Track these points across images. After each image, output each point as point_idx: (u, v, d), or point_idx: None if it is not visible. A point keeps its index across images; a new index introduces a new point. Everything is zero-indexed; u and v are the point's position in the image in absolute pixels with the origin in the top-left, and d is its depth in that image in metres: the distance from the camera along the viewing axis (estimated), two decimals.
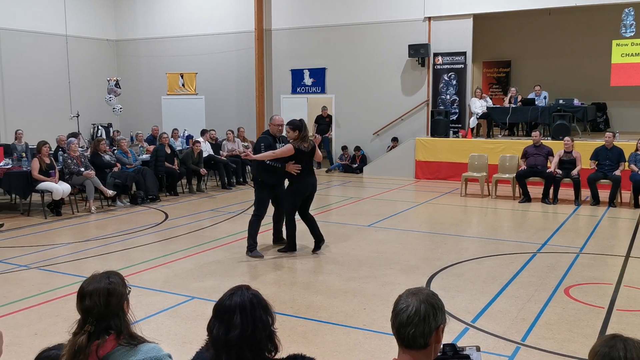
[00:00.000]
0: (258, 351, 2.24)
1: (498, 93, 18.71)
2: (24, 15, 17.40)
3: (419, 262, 7.60)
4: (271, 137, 7.90)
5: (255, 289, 2.37)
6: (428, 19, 16.12)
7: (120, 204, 11.84)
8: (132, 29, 20.20)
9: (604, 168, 11.58)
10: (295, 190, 7.78)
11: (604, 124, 17.27)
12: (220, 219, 10.49)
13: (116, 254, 8.10)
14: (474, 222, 10.61)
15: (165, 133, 13.92)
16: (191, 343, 4.83)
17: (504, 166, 12.78)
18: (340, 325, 5.42)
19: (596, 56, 16.33)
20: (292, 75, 18.16)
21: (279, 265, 7.55)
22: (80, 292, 2.52)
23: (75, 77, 18.57)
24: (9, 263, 7.61)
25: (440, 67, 16.17)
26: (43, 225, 10.13)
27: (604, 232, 9.35)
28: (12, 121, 16.63)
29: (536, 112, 14.46)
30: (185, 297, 6.21)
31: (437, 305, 2.07)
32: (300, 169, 7.64)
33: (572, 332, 5.23)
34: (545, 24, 17.39)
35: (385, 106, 16.78)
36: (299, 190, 7.78)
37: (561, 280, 6.70)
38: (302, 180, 7.73)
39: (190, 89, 19.56)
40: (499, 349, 4.88)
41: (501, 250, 8.16)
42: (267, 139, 7.87)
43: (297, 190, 7.77)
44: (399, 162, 15.63)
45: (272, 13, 18.15)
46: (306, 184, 7.79)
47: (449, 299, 6.04)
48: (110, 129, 18.52)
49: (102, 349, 2.41)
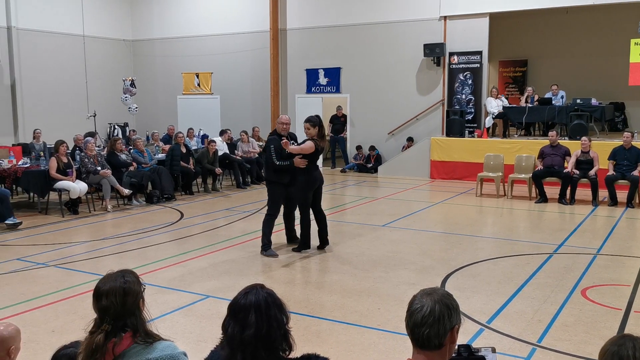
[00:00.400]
0: (273, 350, 2.24)
1: (514, 92, 18.59)
2: (42, 16, 17.59)
3: (434, 262, 7.57)
4: (279, 137, 7.91)
5: (269, 288, 2.37)
6: (444, 18, 16.05)
7: (136, 202, 11.92)
8: (148, 29, 20.33)
9: (622, 168, 11.45)
10: (305, 183, 7.84)
11: (622, 124, 17.09)
12: (235, 218, 10.53)
13: (132, 252, 8.16)
14: (490, 223, 10.54)
15: (181, 132, 14.01)
16: (206, 341, 4.86)
17: (520, 166, 12.68)
18: (354, 325, 5.41)
19: (614, 55, 16.16)
20: (307, 75, 18.17)
21: (293, 264, 7.56)
22: (96, 291, 2.54)
23: (92, 77, 18.73)
24: (28, 261, 7.70)
25: (455, 66, 16.09)
26: (60, 223, 10.23)
27: (621, 233, 9.25)
28: (30, 121, 16.83)
29: (553, 112, 14.34)
30: (200, 296, 6.24)
31: (451, 306, 2.06)
32: (307, 163, 7.71)
33: (589, 333, 5.18)
34: (562, 22, 17.25)
35: (400, 106, 16.74)
36: (309, 183, 7.85)
37: (578, 282, 6.64)
38: (311, 173, 7.84)
39: (206, 88, 19.65)
40: (514, 350, 4.85)
41: (517, 250, 8.10)
42: (275, 140, 7.87)
43: (307, 182, 7.84)
44: (414, 161, 15.58)
45: (287, 13, 18.18)
46: (314, 176, 7.89)
47: (464, 299, 6.01)
48: (126, 129, 18.65)
49: (118, 346, 2.44)
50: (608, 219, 10.37)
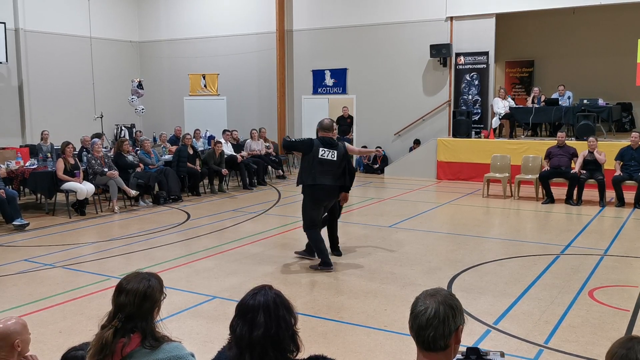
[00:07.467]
0: (281, 351, 2.25)
1: (521, 93, 18.53)
2: (50, 18, 17.66)
3: (440, 263, 7.56)
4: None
5: (277, 289, 2.38)
6: (450, 19, 16.03)
7: (143, 204, 11.96)
8: (155, 30, 20.39)
9: (630, 169, 11.40)
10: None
11: (630, 124, 17.01)
12: (242, 219, 10.54)
13: (139, 253, 8.19)
14: (496, 223, 10.52)
15: (188, 134, 14.05)
16: (213, 342, 4.87)
17: (527, 167, 12.65)
18: (361, 326, 5.41)
19: (621, 55, 16.09)
20: (313, 76, 18.18)
21: (300, 265, 7.56)
22: (118, 286, 2.57)
23: (99, 78, 18.80)
24: (35, 262, 7.73)
25: (462, 67, 16.07)
26: (68, 224, 10.28)
27: (629, 234, 9.21)
28: (37, 122, 16.90)
29: (560, 112, 14.29)
30: (206, 297, 6.25)
31: (455, 306, 2.05)
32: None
33: (596, 335, 5.16)
34: (569, 23, 17.19)
35: (407, 106, 16.72)
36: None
37: (585, 283, 6.62)
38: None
39: (212, 89, 19.69)
40: (521, 351, 4.84)
41: (524, 251, 8.08)
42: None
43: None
44: (420, 162, 15.56)
45: (294, 14, 18.20)
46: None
47: (470, 300, 6.00)
48: (133, 130, 18.71)
49: (127, 347, 2.45)
50: (615, 219, 10.33)
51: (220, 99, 19.56)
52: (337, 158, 7.25)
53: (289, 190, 13.83)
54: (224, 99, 19.50)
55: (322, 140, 7.30)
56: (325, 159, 7.19)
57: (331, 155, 7.21)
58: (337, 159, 7.25)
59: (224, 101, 19.49)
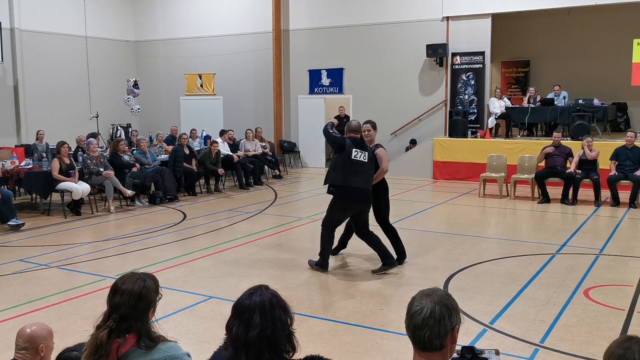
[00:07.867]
0: (277, 351, 2.24)
1: (517, 93, 18.55)
2: (45, 17, 17.60)
3: (437, 262, 7.57)
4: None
5: (273, 289, 2.38)
6: (446, 19, 16.04)
7: (139, 203, 11.94)
8: (151, 30, 20.35)
9: (625, 168, 11.44)
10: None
11: (625, 124, 17.06)
12: (238, 219, 10.54)
13: (135, 253, 8.17)
14: (493, 223, 10.54)
15: (184, 134, 14.02)
16: (209, 342, 4.86)
17: (523, 167, 12.67)
18: (357, 326, 5.42)
19: (617, 55, 16.13)
20: (309, 76, 18.17)
21: (296, 265, 7.56)
22: (113, 286, 2.56)
23: (94, 78, 18.76)
24: (30, 262, 7.71)
25: (458, 67, 16.09)
26: (63, 224, 10.25)
27: (624, 234, 9.24)
28: (33, 122, 16.84)
29: (555, 112, 14.32)
30: (203, 297, 6.24)
31: (451, 306, 2.05)
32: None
33: (592, 334, 5.17)
34: (564, 23, 17.22)
35: (403, 106, 16.72)
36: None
37: (580, 282, 6.64)
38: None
39: (209, 89, 19.66)
40: (517, 350, 4.85)
41: (520, 251, 8.10)
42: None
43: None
44: (416, 162, 15.57)
45: (290, 14, 18.19)
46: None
47: (467, 300, 6.01)
48: (129, 130, 18.68)
49: (122, 348, 2.45)
50: (611, 219, 10.36)
51: (216, 99, 19.54)
52: (367, 159, 7.20)
53: (285, 190, 13.84)
54: (220, 98, 19.48)
55: (353, 141, 7.25)
56: (357, 160, 7.13)
57: (362, 157, 7.15)
58: (367, 161, 7.20)
59: (221, 101, 19.47)
